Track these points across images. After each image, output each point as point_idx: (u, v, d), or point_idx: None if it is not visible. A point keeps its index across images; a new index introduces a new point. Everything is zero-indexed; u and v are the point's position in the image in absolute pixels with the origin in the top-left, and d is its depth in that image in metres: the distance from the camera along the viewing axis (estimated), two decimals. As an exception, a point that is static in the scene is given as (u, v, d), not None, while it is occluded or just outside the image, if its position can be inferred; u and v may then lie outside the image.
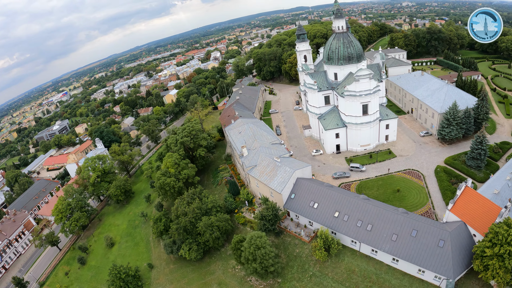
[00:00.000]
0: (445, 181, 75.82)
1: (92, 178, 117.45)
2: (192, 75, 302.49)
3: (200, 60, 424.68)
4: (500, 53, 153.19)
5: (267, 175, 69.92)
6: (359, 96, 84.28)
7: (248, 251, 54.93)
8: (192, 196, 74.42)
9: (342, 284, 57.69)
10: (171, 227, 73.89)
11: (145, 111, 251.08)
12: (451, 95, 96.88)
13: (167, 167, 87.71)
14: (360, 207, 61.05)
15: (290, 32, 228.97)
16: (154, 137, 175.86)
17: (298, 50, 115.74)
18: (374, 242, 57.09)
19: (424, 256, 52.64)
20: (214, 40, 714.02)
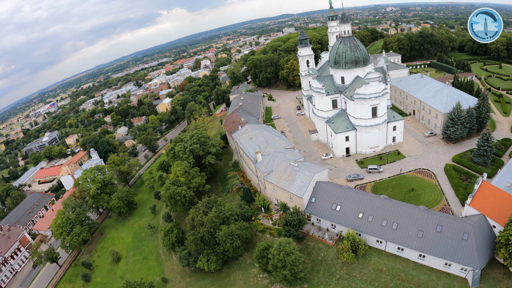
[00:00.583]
0: (456, 178, 77.61)
1: (92, 189, 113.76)
2: (184, 84, 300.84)
3: (190, 69, 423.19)
4: (489, 54, 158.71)
5: (285, 180, 69.40)
6: (368, 98, 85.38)
7: (277, 258, 53.94)
8: (207, 205, 72.56)
9: (371, 285, 57.57)
10: (187, 238, 71.57)
11: (138, 120, 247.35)
12: (452, 96, 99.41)
13: (177, 176, 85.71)
14: (383, 207, 61.50)
15: (284, 38, 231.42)
16: (151, 147, 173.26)
17: (301, 55, 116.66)
18: (401, 240, 57.71)
19: (450, 249, 54.07)
20: (201, 48, 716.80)
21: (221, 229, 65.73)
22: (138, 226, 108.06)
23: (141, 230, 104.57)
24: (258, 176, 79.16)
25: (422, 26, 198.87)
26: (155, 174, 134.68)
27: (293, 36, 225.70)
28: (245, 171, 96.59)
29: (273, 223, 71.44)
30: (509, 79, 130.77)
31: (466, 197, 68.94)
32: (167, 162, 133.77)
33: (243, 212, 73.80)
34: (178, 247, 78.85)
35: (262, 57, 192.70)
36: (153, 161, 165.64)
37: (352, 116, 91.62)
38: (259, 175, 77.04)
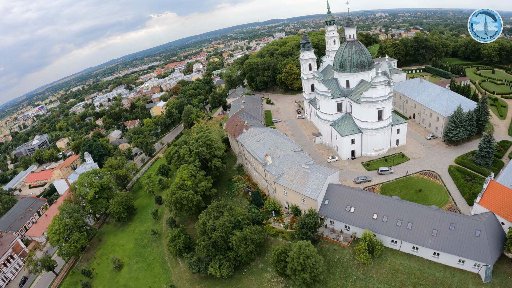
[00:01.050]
0: (461, 179, 79.67)
1: (90, 194, 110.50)
2: (177, 87, 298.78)
3: (182, 72, 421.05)
4: (482, 59, 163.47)
5: (298, 183, 69.30)
6: (375, 102, 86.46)
7: (297, 261, 53.56)
8: (217, 209, 71.22)
9: (388, 284, 58.01)
10: (198, 244, 69.72)
11: (132, 123, 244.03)
12: (452, 100, 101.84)
13: (183, 180, 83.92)
14: (397, 207, 62.47)
15: (280, 42, 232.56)
16: (148, 150, 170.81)
17: (303, 58, 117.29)
18: (416, 239, 58.77)
19: (463, 246, 55.76)
20: (191, 52, 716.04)
21: (234, 233, 64.69)
22: (139, 232, 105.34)
23: (142, 236, 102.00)
24: (268, 179, 78.78)
25: (416, 32, 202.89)
26: (154, 178, 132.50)
27: (289, 40, 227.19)
28: (250, 174, 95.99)
29: (285, 226, 70.97)
30: (503, 83, 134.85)
31: (471, 197, 72.10)
32: (166, 166, 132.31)
33: (254, 216, 72.90)
34: (186, 253, 77.07)
35: (259, 61, 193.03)
36: (150, 165, 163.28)
37: (358, 119, 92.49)
38: (269, 178, 76.69)
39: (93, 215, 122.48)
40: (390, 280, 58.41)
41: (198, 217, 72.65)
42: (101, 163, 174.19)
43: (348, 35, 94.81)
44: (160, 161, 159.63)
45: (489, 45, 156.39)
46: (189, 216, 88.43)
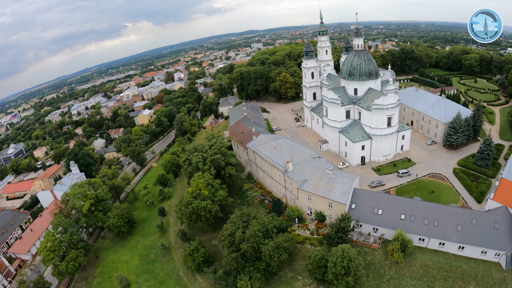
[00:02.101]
0: (466, 179, 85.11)
1: (85, 207, 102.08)
2: (160, 96, 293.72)
3: (163, 81, 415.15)
4: (463, 69, 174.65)
5: (324, 188, 69.98)
6: (385, 109, 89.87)
7: (341, 265, 53.75)
8: (241, 219, 68.98)
9: (420, 280, 60.31)
10: (227, 256, 66.30)
11: (116, 132, 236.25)
12: (449, 107, 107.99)
13: (199, 189, 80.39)
14: (422, 207, 65.80)
15: (270, 51, 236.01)
16: (139, 160, 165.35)
17: (306, 67, 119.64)
18: (443, 235, 62.19)
19: (485, 238, 60.11)
20: (169, 62, 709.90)
21: (266, 243, 63.09)
22: (144, 246, 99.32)
23: (148, 251, 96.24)
24: (288, 186, 78.71)
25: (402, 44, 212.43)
26: (152, 189, 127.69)
27: (278, 50, 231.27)
28: (263, 182, 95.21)
29: (311, 232, 70.96)
30: (486, 92, 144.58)
31: (479, 195, 77.90)
32: (166, 175, 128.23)
33: (278, 224, 71.83)
34: (206, 267, 73.74)
35: (251, 69, 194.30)
36: (143, 175, 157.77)
37: (367, 126, 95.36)
38: (291, 185, 76.67)
39: (87, 230, 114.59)
40: (422, 276, 60.93)
41: (224, 227, 69.51)
42: (88, 173, 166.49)
43: (356, 44, 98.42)
44: (153, 171, 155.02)
45: (471, 56, 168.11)
46: (204, 228, 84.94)
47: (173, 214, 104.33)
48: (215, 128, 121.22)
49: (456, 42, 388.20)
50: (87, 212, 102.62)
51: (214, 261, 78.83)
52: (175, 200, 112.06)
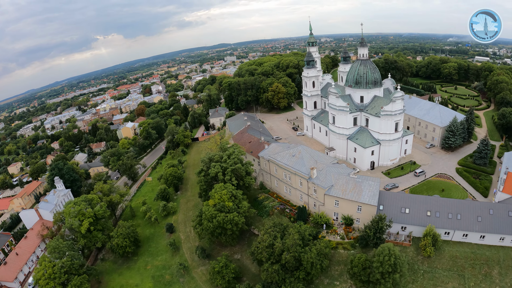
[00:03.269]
0: (470, 177, 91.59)
1: (84, 226, 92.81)
2: (141, 108, 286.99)
3: (141, 94, 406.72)
4: (442, 78, 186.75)
5: (352, 192, 71.56)
6: (394, 115, 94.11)
7: (388, 263, 55.08)
8: (275, 228, 67.52)
9: (451, 271, 64.21)
10: (267, 269, 63.81)
11: (97, 146, 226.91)
12: (444, 112, 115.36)
13: (222, 201, 76.27)
14: (445, 203, 70.18)
15: (257, 62, 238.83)
16: (131, 174, 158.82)
17: (308, 76, 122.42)
18: (466, 227, 66.72)
19: (501, 226, 65.36)
20: (142, 75, 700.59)
21: (305, 251, 62.57)
22: (155, 267, 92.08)
23: (161, 272, 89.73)
24: (311, 193, 79.23)
25: (385, 55, 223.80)
26: (152, 204, 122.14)
27: (265, 61, 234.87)
28: (278, 191, 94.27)
29: (341, 237, 71.92)
30: (467, 98, 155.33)
31: (484, 190, 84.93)
32: (168, 190, 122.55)
33: (310, 231, 71.09)
34: (239, 283, 70.93)
35: (241, 80, 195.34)
36: (136, 190, 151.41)
37: (376, 132, 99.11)
38: (316, 191, 77.09)
39: (82, 252, 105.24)
40: (452, 266, 64.91)
41: (259, 239, 67.23)
42: (74, 190, 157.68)
43: (361, 54, 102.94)
44: (148, 185, 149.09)
45: (449, 65, 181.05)
46: (228, 242, 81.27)
47: (182, 230, 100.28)
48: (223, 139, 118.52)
49: (425, 52, 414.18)
50: (85, 232, 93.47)
51: (241, 276, 76.02)
52: (181, 215, 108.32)
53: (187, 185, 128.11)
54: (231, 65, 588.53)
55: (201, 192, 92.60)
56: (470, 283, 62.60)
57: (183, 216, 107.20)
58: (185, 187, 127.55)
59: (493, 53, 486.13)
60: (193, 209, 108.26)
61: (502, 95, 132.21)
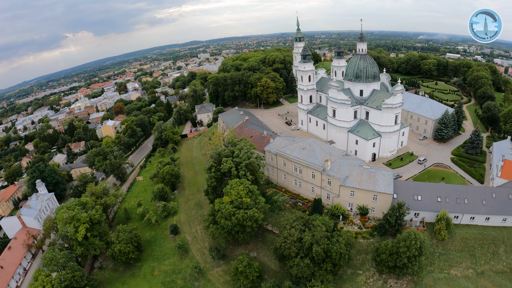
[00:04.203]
0: (465, 166, 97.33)
1: (80, 233, 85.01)
2: (119, 106, 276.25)
3: (117, 91, 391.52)
4: (422, 73, 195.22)
5: (368, 182, 73.21)
6: (394, 108, 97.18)
7: (415, 247, 57.67)
8: (299, 222, 67.02)
9: (463, 251, 68.93)
10: (298, 264, 61.95)
11: (77, 146, 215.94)
12: (434, 106, 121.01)
13: (239, 197, 73.21)
14: (452, 189, 74.71)
15: (242, 56, 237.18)
16: (119, 174, 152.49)
17: (304, 70, 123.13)
18: (473, 210, 71.26)
19: (503, 208, 70.49)
20: (114, 73, 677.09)
21: (333, 242, 63.22)
22: (163, 273, 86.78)
23: (171, 277, 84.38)
24: (325, 186, 79.71)
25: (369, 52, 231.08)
26: (149, 205, 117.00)
27: (249, 56, 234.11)
28: (286, 186, 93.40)
29: (359, 227, 73.48)
30: (449, 92, 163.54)
31: (480, 177, 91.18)
32: (166, 189, 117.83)
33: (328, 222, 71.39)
34: (265, 282, 69.30)
35: (227, 75, 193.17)
36: (126, 190, 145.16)
37: (376, 124, 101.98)
38: (331, 183, 77.80)
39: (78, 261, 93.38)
40: (464, 247, 69.34)
41: (286, 234, 65.75)
42: (57, 193, 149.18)
43: (360, 48, 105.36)
44: (139, 185, 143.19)
45: (429, 61, 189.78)
46: (246, 240, 78.52)
47: (188, 231, 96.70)
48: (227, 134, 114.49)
49: (398, 49, 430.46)
50: (82, 239, 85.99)
51: (262, 274, 74.62)
52: (183, 216, 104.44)
53: (183, 183, 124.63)
54: (206, 62, 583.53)
55: (209, 189, 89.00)
56: (480, 261, 67.53)
57: (185, 216, 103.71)
58: (181, 185, 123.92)
59: (463, 50, 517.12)
60: (195, 208, 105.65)
61: (483, 89, 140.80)
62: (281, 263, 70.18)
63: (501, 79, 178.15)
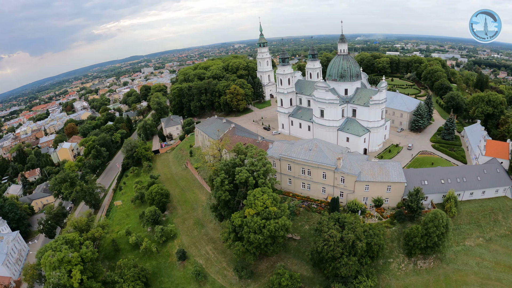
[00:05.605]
0: (446, 150, 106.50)
1: (76, 277, 71.21)
2: (71, 126, 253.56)
3: (65, 111, 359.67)
4: (376, 71, 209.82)
5: (381, 175, 75.83)
6: (381, 103, 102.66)
7: (442, 225, 62.87)
8: (331, 222, 66.52)
9: (470, 224, 77.32)
10: (347, 263, 61.66)
11: (31, 174, 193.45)
12: (406, 100, 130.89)
13: (265, 207, 68.27)
14: (450, 171, 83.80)
15: (201, 65, 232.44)
16: (93, 200, 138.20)
17: (284, 73, 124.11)
18: (472, 186, 79.68)
19: (494, 181, 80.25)
20: (55, 94, 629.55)
21: (373, 236, 65.39)
22: None
23: None
24: (338, 184, 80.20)
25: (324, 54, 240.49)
26: (140, 231, 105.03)
27: (210, 64, 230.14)
28: (293, 190, 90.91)
29: (379, 218, 75.73)
30: (407, 87, 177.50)
31: (463, 158, 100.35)
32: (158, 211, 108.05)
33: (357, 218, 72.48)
34: None
35: (192, 85, 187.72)
36: (104, 218, 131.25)
37: (365, 121, 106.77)
38: (345, 180, 78.70)
39: None
40: (470, 220, 77.96)
41: (326, 236, 63.62)
42: (22, 231, 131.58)
43: (341, 49, 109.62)
44: (119, 211, 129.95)
45: (382, 59, 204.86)
46: (277, 251, 73.96)
47: (197, 254, 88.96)
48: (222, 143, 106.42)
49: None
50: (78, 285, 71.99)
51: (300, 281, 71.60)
52: (185, 238, 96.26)
53: (172, 203, 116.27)
54: (152, 76, 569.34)
55: (219, 205, 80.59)
56: (486, 229, 76.39)
57: (188, 238, 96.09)
58: (171, 205, 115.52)
59: (401, 47, 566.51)
60: (196, 228, 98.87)
61: (440, 82, 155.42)
62: (316, 267, 69.31)
63: (449, 71, 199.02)
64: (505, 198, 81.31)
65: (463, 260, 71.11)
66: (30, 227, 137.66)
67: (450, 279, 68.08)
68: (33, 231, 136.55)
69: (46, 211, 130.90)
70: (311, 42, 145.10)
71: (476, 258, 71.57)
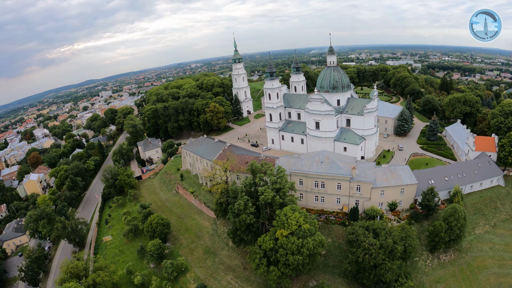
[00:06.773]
0: (435, 150, 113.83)
1: None
2: (35, 156, 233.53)
3: (24, 141, 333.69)
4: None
5: (394, 179, 78.61)
6: (374, 111, 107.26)
7: (462, 216, 69.27)
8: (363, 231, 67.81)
9: (476, 214, 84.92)
10: (391, 268, 63.66)
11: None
12: (388, 107, 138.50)
13: (299, 225, 66.16)
14: (451, 168, 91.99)
15: (172, 84, 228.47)
16: (77, 238, 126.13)
17: (273, 87, 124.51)
18: (471, 180, 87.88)
19: (488, 172, 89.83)
20: (10, 122, 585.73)
21: (405, 237, 68.27)
22: None
23: None
24: (355, 193, 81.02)
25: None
26: (143, 269, 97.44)
27: (182, 83, 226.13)
28: (305, 205, 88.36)
29: (397, 221, 77.94)
30: (379, 95, 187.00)
31: (452, 156, 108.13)
32: (163, 245, 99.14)
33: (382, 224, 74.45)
34: None
35: (168, 105, 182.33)
36: (94, 258, 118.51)
37: (359, 129, 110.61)
38: (361, 188, 79.88)
39: None
40: (475, 211, 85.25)
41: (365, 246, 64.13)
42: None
43: (330, 61, 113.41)
44: (111, 248, 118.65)
45: (350, 70, 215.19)
46: (313, 269, 72.32)
47: (218, 286, 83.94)
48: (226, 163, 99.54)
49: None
50: None
51: None
52: (198, 270, 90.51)
53: (172, 233, 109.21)
54: (112, 99, 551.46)
55: (240, 230, 76.20)
56: (490, 217, 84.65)
57: (203, 270, 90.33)
58: (171, 235, 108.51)
59: (356, 57, 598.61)
60: (208, 258, 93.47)
61: (412, 87, 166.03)
62: (351, 279, 69.20)
63: (413, 76, 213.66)
64: (499, 187, 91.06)
65: (478, 247, 77.58)
66: (6, 273, 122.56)
67: (472, 266, 73.80)
68: (10, 278, 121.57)
69: (25, 254, 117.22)
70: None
71: (488, 244, 78.67)
